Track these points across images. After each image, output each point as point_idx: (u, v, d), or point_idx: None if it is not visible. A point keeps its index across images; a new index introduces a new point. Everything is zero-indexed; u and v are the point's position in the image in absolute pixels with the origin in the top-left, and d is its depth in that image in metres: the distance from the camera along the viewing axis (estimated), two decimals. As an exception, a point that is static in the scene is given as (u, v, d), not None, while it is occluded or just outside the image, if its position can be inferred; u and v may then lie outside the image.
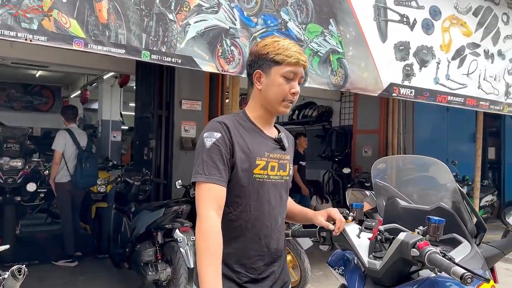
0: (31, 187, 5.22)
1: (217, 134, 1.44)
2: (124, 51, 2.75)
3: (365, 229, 1.66)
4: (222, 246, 1.36)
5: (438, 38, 4.67)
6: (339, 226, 1.65)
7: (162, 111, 5.93)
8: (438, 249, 1.44)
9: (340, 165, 8.77)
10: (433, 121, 8.46)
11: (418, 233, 1.52)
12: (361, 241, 1.70)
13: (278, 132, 1.61)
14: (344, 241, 1.73)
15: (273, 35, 3.19)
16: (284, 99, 1.51)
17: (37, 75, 11.24)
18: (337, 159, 9.13)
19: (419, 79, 4.50)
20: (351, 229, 1.72)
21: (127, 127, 11.19)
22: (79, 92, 11.41)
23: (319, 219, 1.67)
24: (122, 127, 10.64)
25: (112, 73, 9.14)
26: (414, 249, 1.45)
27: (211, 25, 3.07)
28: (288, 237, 1.93)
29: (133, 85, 9.24)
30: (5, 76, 11.28)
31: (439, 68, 4.69)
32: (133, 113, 11.56)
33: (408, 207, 1.77)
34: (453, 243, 1.66)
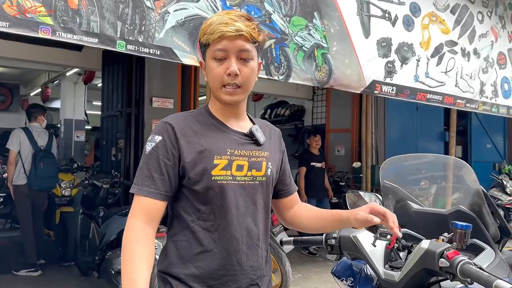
0: (-12, 191, 4.81)
1: (158, 138, 1.25)
2: (97, 40, 2.48)
3: (380, 236, 1.49)
4: (148, 249, 1.18)
5: (418, 35, 4.62)
6: (393, 221, 1.29)
7: (132, 109, 5.63)
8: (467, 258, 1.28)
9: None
10: (403, 119, 8.52)
11: (443, 240, 1.37)
12: (373, 250, 1.53)
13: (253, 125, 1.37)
14: (356, 249, 1.55)
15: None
16: (223, 84, 1.26)
17: (-7, 71, 10.60)
18: (309, 158, 9.05)
19: (400, 76, 4.43)
20: (363, 236, 1.55)
21: (90, 127, 10.73)
22: (39, 90, 10.83)
23: (360, 213, 1.30)
24: (86, 126, 10.18)
25: (75, 70, 8.70)
26: (442, 259, 1.29)
27: (191, 14, 2.84)
28: (290, 244, 1.75)
29: (97, 82, 8.85)
30: (-42, 73, 10.59)
31: (418, 65, 4.64)
32: (98, 112, 11.15)
33: (422, 210, 1.61)
34: (473, 249, 1.52)
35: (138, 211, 1.22)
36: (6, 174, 5.37)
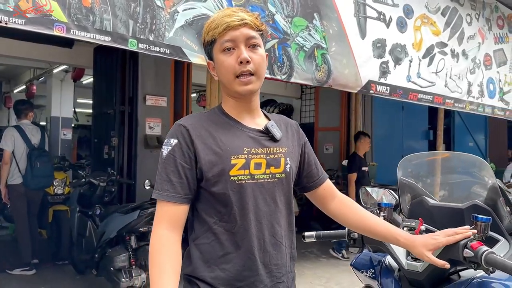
0: (-21, 189, 4.74)
1: (173, 141, 1.24)
2: (109, 38, 2.49)
3: (404, 229, 1.57)
4: (173, 257, 1.19)
5: (411, 36, 4.74)
6: (456, 235, 1.37)
7: (125, 107, 5.61)
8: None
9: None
10: (389, 118, 8.68)
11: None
12: (396, 242, 1.61)
13: (269, 121, 1.35)
14: (378, 242, 1.62)
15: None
16: (236, 75, 1.24)
17: (-25, 68, 10.36)
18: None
19: (394, 76, 4.55)
20: (386, 229, 1.62)
21: (73, 125, 10.61)
22: (23, 87, 10.63)
23: (427, 256, 1.34)
24: (73, 124, 10.06)
25: (63, 67, 8.58)
26: (467, 249, 1.37)
27: (199, 13, 2.88)
28: (312, 239, 1.81)
29: (83, 80, 8.75)
30: None
31: (411, 66, 4.77)
32: (83, 110, 11.03)
33: (438, 205, 1.70)
34: (488, 241, 1.61)
35: (162, 218, 1.22)
36: (-3, 173, 5.28)
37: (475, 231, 1.38)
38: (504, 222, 1.61)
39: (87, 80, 8.91)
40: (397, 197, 1.88)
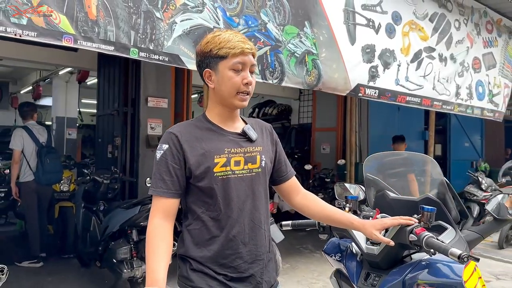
0: (-10, 186, 5.02)
1: (165, 146, 1.47)
2: (113, 48, 2.76)
3: (363, 218, 1.82)
4: (165, 242, 1.43)
5: (399, 41, 4.98)
6: (401, 222, 1.62)
7: (128, 108, 5.87)
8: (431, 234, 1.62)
9: (300, 162, 9.03)
10: (385, 119, 8.86)
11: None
12: (358, 229, 1.86)
13: (246, 125, 1.58)
14: (343, 230, 1.88)
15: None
16: (238, 92, 1.47)
17: (-17, 69, 10.66)
18: (296, 156, 9.39)
19: (382, 80, 4.79)
20: (350, 218, 1.87)
21: (78, 124, 10.90)
22: (30, 88, 10.94)
23: (375, 234, 1.59)
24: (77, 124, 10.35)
25: (68, 69, 8.86)
26: (412, 234, 1.62)
27: (196, 24, 3.14)
28: (288, 228, 2.07)
29: (87, 81, 9.02)
30: None
31: (399, 70, 5.01)
32: (87, 110, 11.31)
33: (397, 198, 1.95)
34: (439, 229, 1.85)
35: (156, 210, 1.47)
36: (8, 170, 5.56)
37: (416, 221, 1.62)
38: (452, 213, 1.86)
39: (92, 81, 9.17)
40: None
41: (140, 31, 2.87)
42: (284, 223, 2.09)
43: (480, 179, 7.69)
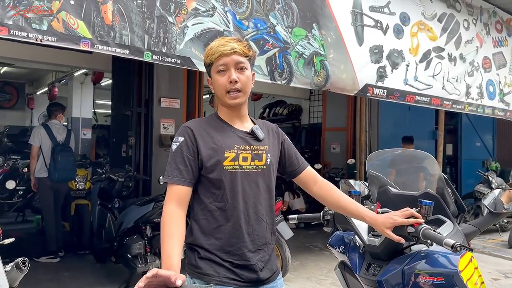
0: (10, 184, 5.23)
1: (181, 139, 1.59)
2: (128, 51, 2.89)
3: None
4: (179, 228, 1.51)
5: (407, 42, 5.04)
6: (411, 216, 1.70)
7: (141, 108, 6.03)
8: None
9: (310, 162, 9.08)
10: (396, 119, 8.90)
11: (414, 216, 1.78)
12: (360, 222, 1.96)
13: (254, 125, 1.70)
14: (346, 223, 1.98)
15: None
16: (226, 91, 1.59)
17: (1, 71, 10.94)
18: (306, 155, 9.46)
19: (391, 80, 4.86)
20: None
21: (93, 125, 11.12)
22: (46, 89, 11.20)
23: (387, 232, 1.69)
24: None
25: (83, 70, 9.07)
26: (410, 227, 1.71)
27: (207, 27, 3.26)
28: (294, 221, 2.18)
29: (102, 82, 9.23)
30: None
31: (408, 70, 5.07)
32: (101, 111, 11.53)
33: (398, 193, 2.04)
34: (438, 223, 1.94)
35: (171, 197, 1.56)
36: (26, 169, 5.78)
37: (422, 220, 1.70)
38: (450, 207, 1.94)
39: (106, 82, 9.38)
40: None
41: (154, 35, 3.00)
42: (290, 216, 2.20)
43: (491, 178, 7.70)
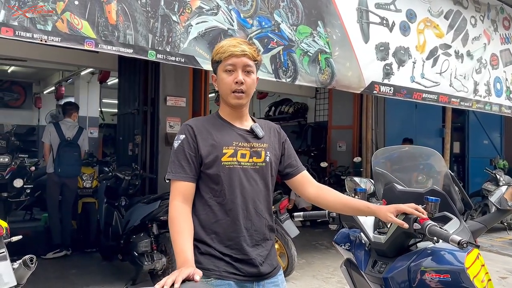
0: (18, 183, 5.26)
1: (182, 136, 1.63)
2: (132, 50, 2.90)
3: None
4: (188, 223, 1.56)
5: (414, 39, 5.01)
6: (415, 209, 1.68)
7: (147, 107, 6.05)
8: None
9: (316, 160, 9.10)
10: (402, 117, 8.86)
11: (418, 211, 1.78)
12: (366, 219, 1.96)
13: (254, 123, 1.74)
14: (352, 220, 1.97)
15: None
16: (232, 91, 1.63)
17: (9, 70, 11.02)
18: (312, 154, 9.46)
19: (397, 77, 4.83)
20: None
21: (99, 123, 11.18)
22: (52, 88, 11.27)
23: (390, 216, 1.67)
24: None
25: (89, 69, 9.11)
26: (416, 223, 1.70)
27: (211, 26, 3.26)
28: (300, 218, 2.17)
29: (108, 81, 9.26)
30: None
31: (415, 67, 5.04)
32: (108, 110, 11.58)
33: (405, 190, 2.02)
34: (444, 220, 1.93)
35: (176, 193, 1.61)
36: (33, 168, 5.84)
37: (425, 216, 1.69)
38: (456, 204, 1.93)
39: (112, 81, 9.41)
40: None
41: (158, 34, 3.01)
42: (296, 214, 2.20)
43: (498, 176, 7.64)
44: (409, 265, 1.78)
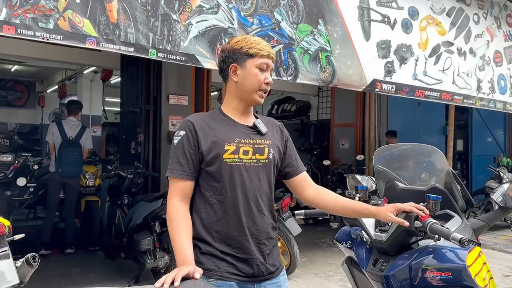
0: (21, 181, 5.28)
1: (182, 132, 1.60)
2: (133, 49, 2.91)
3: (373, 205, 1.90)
4: (187, 222, 1.56)
5: (416, 36, 4.99)
6: (415, 207, 1.67)
7: (150, 105, 6.06)
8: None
9: (319, 158, 9.10)
10: (405, 114, 8.83)
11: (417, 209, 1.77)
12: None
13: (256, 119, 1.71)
14: (354, 218, 1.97)
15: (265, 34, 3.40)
16: (260, 89, 1.63)
17: (12, 69, 11.05)
18: (315, 151, 9.46)
19: (399, 75, 4.81)
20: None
21: (102, 122, 11.20)
22: (56, 87, 11.29)
23: (390, 216, 1.65)
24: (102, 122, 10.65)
25: (92, 68, 9.13)
26: (417, 221, 1.69)
27: (211, 25, 3.26)
28: (301, 216, 2.17)
29: (111, 80, 9.28)
30: (-21, 72, 11.07)
31: (417, 65, 5.02)
32: (111, 108, 11.61)
33: (406, 188, 2.02)
34: (446, 218, 1.92)
35: (174, 191, 1.59)
36: (36, 166, 5.86)
37: (426, 214, 1.68)
38: (458, 202, 1.92)
39: (115, 80, 9.42)
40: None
41: (158, 33, 3.01)
42: (297, 212, 2.19)
43: (502, 174, 7.61)
44: (411, 263, 1.77)
